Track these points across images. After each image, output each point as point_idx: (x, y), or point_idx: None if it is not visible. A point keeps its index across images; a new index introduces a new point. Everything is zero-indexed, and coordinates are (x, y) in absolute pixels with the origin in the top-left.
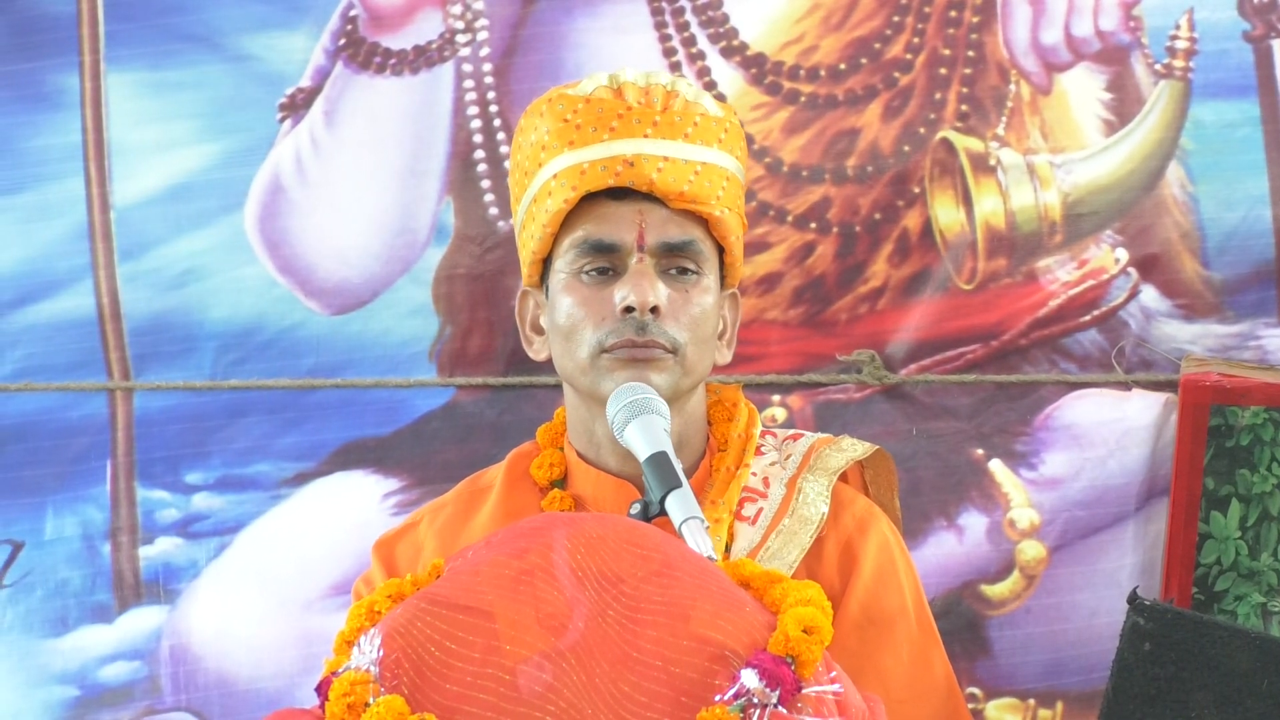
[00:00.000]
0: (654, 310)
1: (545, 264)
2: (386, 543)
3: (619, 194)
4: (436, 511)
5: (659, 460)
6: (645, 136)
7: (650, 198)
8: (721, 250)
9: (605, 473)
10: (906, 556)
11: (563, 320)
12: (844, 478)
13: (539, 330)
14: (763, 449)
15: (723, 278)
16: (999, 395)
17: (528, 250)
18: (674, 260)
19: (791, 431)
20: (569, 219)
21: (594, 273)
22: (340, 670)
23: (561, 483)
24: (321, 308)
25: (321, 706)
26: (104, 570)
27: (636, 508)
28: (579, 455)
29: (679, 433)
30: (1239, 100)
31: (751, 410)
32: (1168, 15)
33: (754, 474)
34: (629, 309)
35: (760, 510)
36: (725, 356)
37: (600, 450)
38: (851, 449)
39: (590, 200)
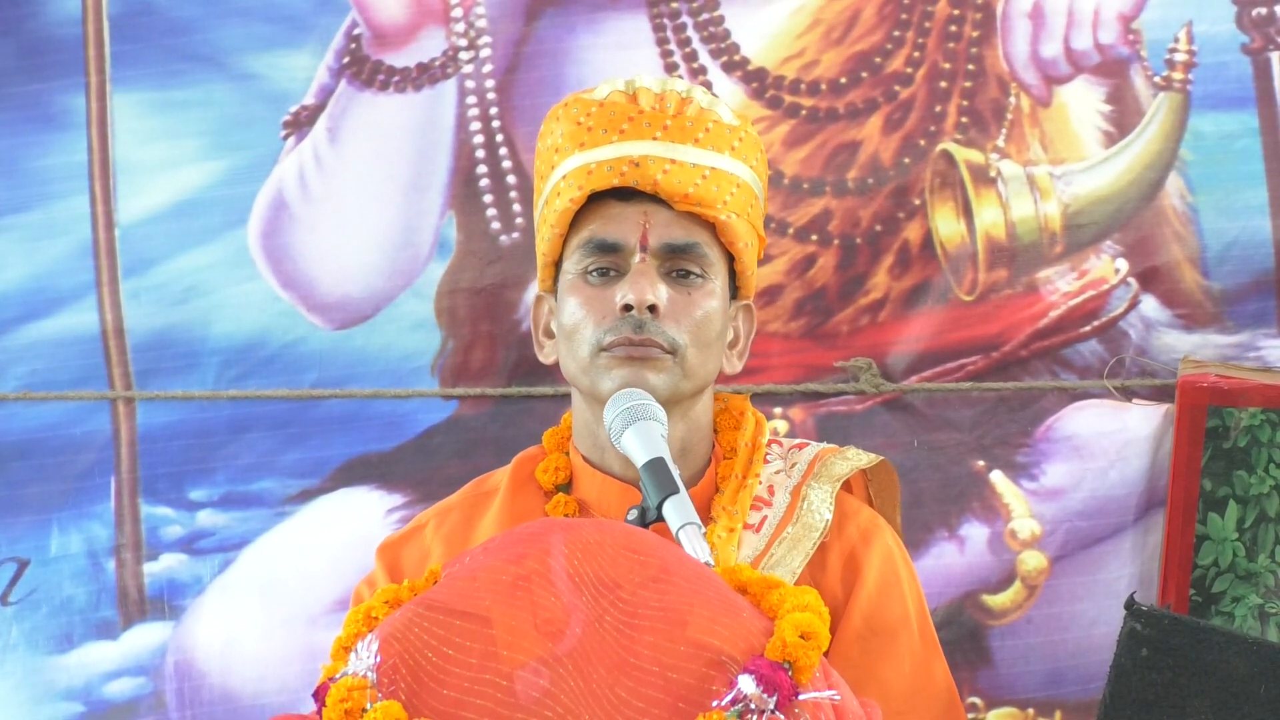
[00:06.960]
0: (652, 309)
1: (558, 267)
2: (391, 546)
3: (626, 195)
4: (443, 515)
5: (656, 466)
6: (654, 139)
7: (656, 199)
8: (733, 259)
9: (610, 477)
10: (910, 568)
11: (567, 320)
12: (849, 488)
13: (550, 334)
14: (768, 457)
15: (736, 288)
16: (1000, 407)
17: (541, 254)
18: (677, 262)
19: (797, 440)
20: (577, 220)
21: (598, 273)
22: (337, 676)
23: (566, 487)
24: (324, 323)
25: (319, 712)
26: (109, 587)
27: (634, 513)
28: (584, 459)
29: (684, 439)
30: (1238, 112)
31: (759, 418)
32: (1167, 28)
33: (760, 482)
34: (627, 307)
35: (765, 518)
36: (735, 366)
37: (605, 454)
38: (857, 458)
39: (598, 201)
